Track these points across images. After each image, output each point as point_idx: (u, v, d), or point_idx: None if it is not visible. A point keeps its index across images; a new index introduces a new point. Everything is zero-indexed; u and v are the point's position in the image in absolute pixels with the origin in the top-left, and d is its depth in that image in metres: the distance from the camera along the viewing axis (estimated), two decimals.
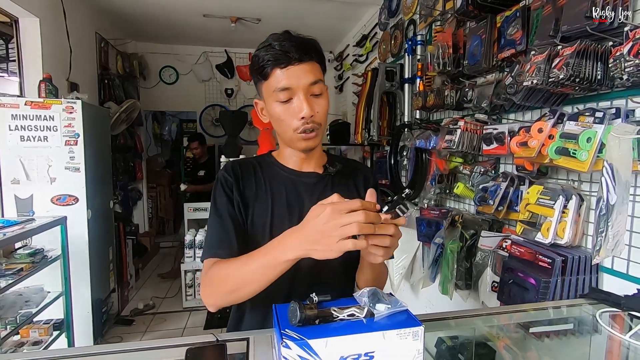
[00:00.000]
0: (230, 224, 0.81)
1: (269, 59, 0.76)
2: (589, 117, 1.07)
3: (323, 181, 0.89)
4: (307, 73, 0.77)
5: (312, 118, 0.78)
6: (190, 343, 0.68)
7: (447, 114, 2.01)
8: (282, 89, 0.77)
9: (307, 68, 0.77)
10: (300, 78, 0.77)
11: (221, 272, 0.73)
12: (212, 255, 0.79)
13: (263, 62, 0.77)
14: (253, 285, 0.69)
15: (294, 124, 0.79)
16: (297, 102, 0.77)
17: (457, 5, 1.63)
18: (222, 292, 0.73)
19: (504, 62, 1.46)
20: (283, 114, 0.79)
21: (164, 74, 4.68)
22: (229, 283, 0.71)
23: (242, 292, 0.71)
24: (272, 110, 0.81)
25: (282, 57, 0.76)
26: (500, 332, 0.90)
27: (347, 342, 0.52)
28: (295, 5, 3.28)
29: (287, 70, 0.76)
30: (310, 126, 0.79)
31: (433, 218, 1.88)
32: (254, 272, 0.68)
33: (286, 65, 0.76)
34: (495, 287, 1.40)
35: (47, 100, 2.33)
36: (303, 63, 0.77)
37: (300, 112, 0.77)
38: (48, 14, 2.59)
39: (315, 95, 0.79)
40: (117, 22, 3.77)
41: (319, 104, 0.80)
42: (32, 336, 2.05)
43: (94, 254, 2.53)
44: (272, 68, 0.77)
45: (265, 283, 0.68)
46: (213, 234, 0.81)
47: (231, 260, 0.73)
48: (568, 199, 1.16)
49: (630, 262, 1.06)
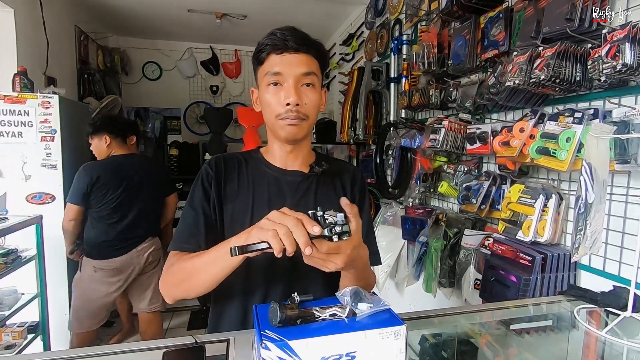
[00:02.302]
0: (202, 220, 0.81)
1: (267, 43, 0.78)
2: (568, 117, 1.09)
3: (308, 180, 0.88)
4: (301, 63, 0.78)
5: (297, 107, 0.78)
6: (168, 345, 0.66)
7: (431, 113, 2.02)
8: (273, 74, 0.78)
9: (302, 58, 0.78)
10: (293, 66, 0.78)
11: (177, 265, 0.76)
12: (177, 249, 0.80)
13: (261, 47, 0.79)
14: (200, 278, 0.71)
15: (278, 110, 0.79)
16: (286, 89, 0.78)
17: (442, 6, 1.64)
18: (172, 282, 0.76)
19: (488, 62, 1.48)
20: (271, 99, 0.79)
21: (147, 69, 4.58)
22: (179, 274, 0.75)
23: (190, 284, 0.73)
24: (263, 95, 0.81)
25: (280, 43, 0.77)
26: (482, 329, 0.91)
27: (328, 343, 0.51)
28: (281, 2, 3.25)
29: (282, 56, 0.78)
30: (294, 115, 0.78)
31: (417, 217, 1.89)
32: (202, 265, 0.71)
33: (282, 52, 0.78)
34: (478, 284, 1.41)
35: (22, 95, 2.24)
36: (299, 53, 0.78)
37: (287, 98, 0.77)
38: (23, 4, 2.49)
39: (306, 86, 0.79)
40: (98, 16, 3.66)
41: (309, 95, 0.80)
42: (4, 340, 1.97)
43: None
44: (269, 53, 0.79)
45: (213, 277, 0.70)
46: (185, 227, 0.82)
47: (190, 254, 0.76)
48: (548, 197, 1.18)
49: (606, 260, 1.09)
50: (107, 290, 2.18)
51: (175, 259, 0.78)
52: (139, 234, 2.24)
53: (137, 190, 2.20)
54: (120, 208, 2.15)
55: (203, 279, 0.71)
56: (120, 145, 2.22)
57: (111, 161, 2.18)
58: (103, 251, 2.14)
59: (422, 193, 1.99)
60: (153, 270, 2.35)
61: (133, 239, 2.21)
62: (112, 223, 2.14)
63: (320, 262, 0.62)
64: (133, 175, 2.19)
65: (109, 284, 2.17)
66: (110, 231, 2.14)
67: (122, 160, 2.20)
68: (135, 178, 2.20)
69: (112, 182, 2.11)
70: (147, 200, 2.26)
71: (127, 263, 2.19)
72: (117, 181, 2.13)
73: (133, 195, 2.18)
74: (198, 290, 0.74)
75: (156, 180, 2.33)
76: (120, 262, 2.16)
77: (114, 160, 2.19)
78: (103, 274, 2.15)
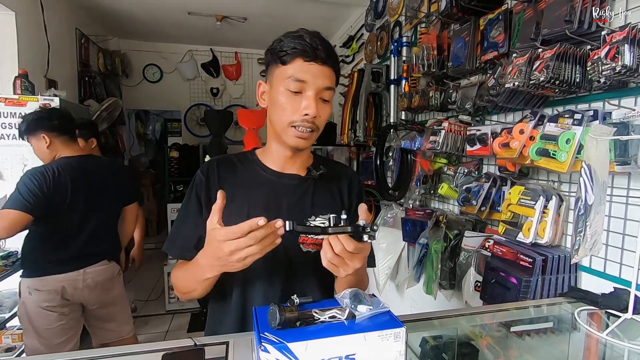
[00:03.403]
0: (197, 230, 0.82)
1: (296, 47, 0.76)
2: (568, 118, 1.09)
3: (304, 184, 0.87)
4: (326, 77, 0.78)
5: (314, 119, 0.78)
6: (167, 348, 0.66)
7: (431, 115, 2.02)
8: (297, 80, 0.77)
9: (327, 72, 0.79)
10: (318, 77, 0.77)
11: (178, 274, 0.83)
12: (176, 256, 0.87)
13: (288, 48, 0.77)
14: (195, 293, 0.79)
15: (293, 117, 0.78)
16: (307, 98, 0.77)
17: (442, 8, 1.65)
18: (179, 293, 0.84)
19: (487, 64, 1.48)
20: (287, 104, 0.78)
21: (148, 72, 4.59)
22: (180, 287, 0.83)
23: (191, 295, 0.80)
24: (277, 96, 0.80)
25: (310, 51, 0.76)
26: (482, 331, 0.91)
27: (328, 345, 0.51)
28: (282, 5, 3.26)
29: (310, 65, 0.77)
30: (309, 125, 0.78)
31: (418, 218, 1.89)
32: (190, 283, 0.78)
33: (310, 60, 0.77)
34: (478, 286, 1.41)
35: (23, 97, 2.24)
36: (325, 66, 0.78)
37: (307, 109, 0.77)
38: (24, 7, 2.50)
39: (323, 100, 0.80)
40: (99, 19, 3.67)
41: (324, 109, 0.80)
42: (4, 342, 1.97)
43: None
44: (296, 57, 0.77)
45: (204, 290, 0.78)
46: (180, 235, 0.86)
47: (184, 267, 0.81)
48: (548, 199, 1.18)
49: (607, 261, 1.09)
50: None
51: (176, 268, 0.85)
52: (95, 251, 1.82)
53: (91, 199, 1.79)
54: (69, 219, 1.73)
55: (192, 287, 0.78)
56: (66, 145, 1.80)
57: (62, 163, 1.74)
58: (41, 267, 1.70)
59: (423, 195, 1.98)
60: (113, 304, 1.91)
61: (83, 257, 1.77)
62: (63, 236, 1.73)
63: (342, 262, 0.64)
64: (83, 180, 1.77)
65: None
66: (59, 245, 1.72)
67: (70, 161, 1.76)
68: (91, 183, 1.80)
69: (60, 187, 1.68)
70: (102, 211, 1.85)
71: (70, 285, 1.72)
72: (69, 186, 1.71)
73: (85, 205, 1.76)
74: (196, 296, 0.81)
75: (115, 186, 1.94)
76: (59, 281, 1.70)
77: (62, 162, 1.75)
78: (39, 296, 1.68)
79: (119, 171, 2.07)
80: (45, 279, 1.68)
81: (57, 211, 1.69)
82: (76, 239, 1.75)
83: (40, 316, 1.67)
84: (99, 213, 1.84)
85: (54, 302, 1.68)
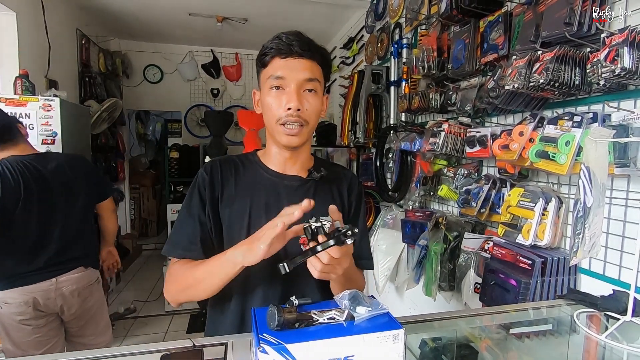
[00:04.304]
0: (199, 227, 0.82)
1: (272, 47, 0.79)
2: (567, 121, 1.10)
3: (305, 186, 0.88)
4: (305, 68, 0.79)
5: (298, 112, 0.78)
6: (166, 349, 0.66)
7: (431, 116, 2.03)
8: (276, 77, 0.78)
9: (306, 64, 0.79)
10: (296, 71, 0.78)
11: (180, 273, 0.79)
12: (177, 256, 0.82)
13: (266, 50, 0.80)
14: (204, 285, 0.75)
15: (278, 113, 0.79)
16: (288, 93, 0.78)
17: (442, 10, 1.65)
18: (177, 289, 0.80)
19: (487, 66, 1.48)
20: (272, 102, 0.80)
21: (148, 72, 4.60)
22: (183, 282, 0.79)
23: (195, 290, 0.77)
24: (264, 98, 0.82)
25: (284, 47, 0.78)
26: (482, 333, 0.91)
27: (327, 346, 0.51)
28: (282, 6, 3.27)
29: (286, 61, 0.78)
30: (295, 119, 0.78)
31: (417, 220, 1.89)
32: (205, 273, 0.75)
33: (286, 56, 0.78)
34: (478, 288, 1.41)
35: (23, 97, 2.24)
36: (303, 59, 0.79)
37: (289, 102, 0.78)
38: (25, 8, 2.51)
39: (308, 91, 0.80)
40: (100, 19, 3.68)
41: (310, 101, 0.80)
42: None
43: None
44: (273, 57, 0.79)
45: (217, 283, 0.74)
46: (183, 233, 0.83)
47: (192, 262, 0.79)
48: (548, 201, 1.18)
49: (606, 264, 1.09)
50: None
51: (177, 266, 0.81)
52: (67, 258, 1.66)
53: (53, 200, 1.62)
54: (27, 222, 1.56)
55: (207, 286, 0.75)
56: (9, 150, 1.59)
57: (11, 161, 1.55)
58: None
59: (422, 196, 1.99)
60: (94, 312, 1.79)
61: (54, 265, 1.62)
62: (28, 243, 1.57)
63: (331, 269, 0.65)
64: (39, 179, 1.58)
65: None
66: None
67: (20, 160, 1.57)
68: (49, 182, 1.61)
69: (10, 188, 1.50)
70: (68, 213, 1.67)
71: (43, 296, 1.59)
72: (21, 186, 1.52)
73: (44, 207, 1.59)
74: (202, 296, 0.79)
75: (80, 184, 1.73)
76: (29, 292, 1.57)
77: (12, 160, 1.55)
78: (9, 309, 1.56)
79: (82, 167, 1.81)
80: (13, 291, 1.55)
81: (11, 214, 1.51)
82: (44, 247, 1.59)
83: (15, 329, 1.58)
84: (66, 216, 1.65)
85: (26, 314, 1.57)
